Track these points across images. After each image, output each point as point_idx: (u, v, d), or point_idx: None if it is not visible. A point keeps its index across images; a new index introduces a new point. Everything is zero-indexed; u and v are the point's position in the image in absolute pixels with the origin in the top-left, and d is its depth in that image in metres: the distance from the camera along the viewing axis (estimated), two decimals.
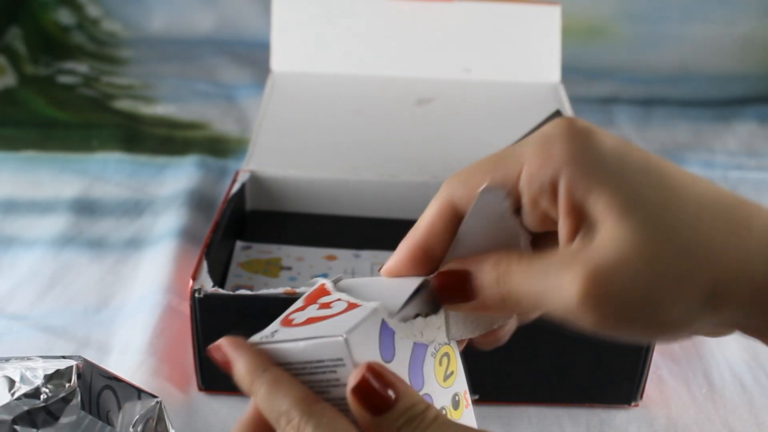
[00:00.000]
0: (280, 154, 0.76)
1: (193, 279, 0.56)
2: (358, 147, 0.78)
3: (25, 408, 0.43)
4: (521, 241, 0.35)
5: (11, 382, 0.44)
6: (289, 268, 0.67)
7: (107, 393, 0.46)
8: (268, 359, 0.35)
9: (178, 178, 0.86)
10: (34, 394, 0.43)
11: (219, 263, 0.64)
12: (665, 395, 0.61)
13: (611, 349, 0.57)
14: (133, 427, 0.45)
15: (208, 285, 0.56)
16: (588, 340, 0.45)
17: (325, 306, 0.36)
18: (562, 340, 0.55)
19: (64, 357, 0.45)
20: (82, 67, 1.10)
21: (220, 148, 0.93)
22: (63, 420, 0.43)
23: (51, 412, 0.43)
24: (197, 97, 1.04)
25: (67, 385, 0.44)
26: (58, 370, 0.44)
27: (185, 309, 0.63)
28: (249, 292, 0.55)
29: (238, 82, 1.08)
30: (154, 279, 0.70)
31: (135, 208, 0.81)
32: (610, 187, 0.32)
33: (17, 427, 0.42)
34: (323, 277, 0.39)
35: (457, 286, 0.35)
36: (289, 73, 0.90)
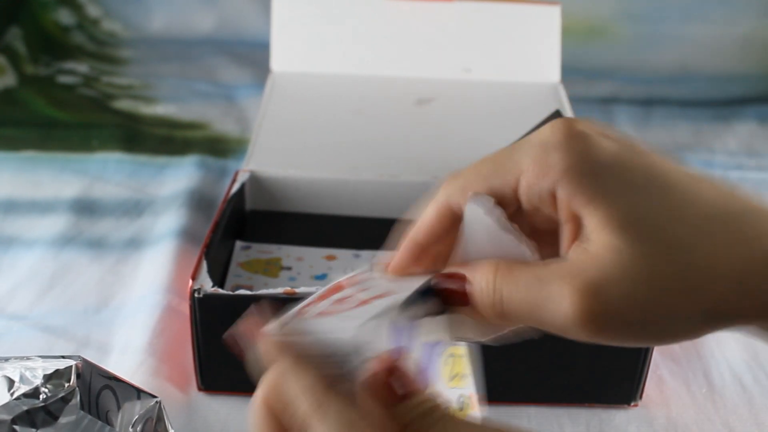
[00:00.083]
0: (280, 154, 0.76)
1: (193, 279, 0.56)
2: (358, 147, 0.78)
3: (25, 408, 0.43)
4: (522, 247, 0.34)
5: (10, 382, 0.44)
6: (289, 268, 0.67)
7: (106, 393, 0.46)
8: (281, 348, 0.34)
9: (178, 178, 0.86)
10: (34, 393, 0.43)
11: (219, 263, 0.64)
12: (665, 395, 0.61)
13: (611, 349, 0.56)
14: (132, 427, 0.45)
15: (207, 285, 0.56)
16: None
17: (339, 301, 0.36)
18: (561, 340, 0.54)
19: (63, 357, 0.45)
20: (82, 67, 1.10)
21: (220, 148, 0.93)
22: (62, 420, 0.43)
23: (50, 412, 0.43)
24: (197, 97, 1.04)
25: (66, 385, 0.44)
26: (57, 370, 0.44)
27: (185, 309, 0.63)
28: (249, 292, 0.55)
29: (238, 82, 1.08)
30: (154, 279, 0.70)
31: (135, 208, 0.81)
32: (608, 200, 0.32)
33: (16, 427, 0.42)
34: (323, 277, 0.39)
35: (453, 289, 0.35)
36: (289, 73, 0.90)
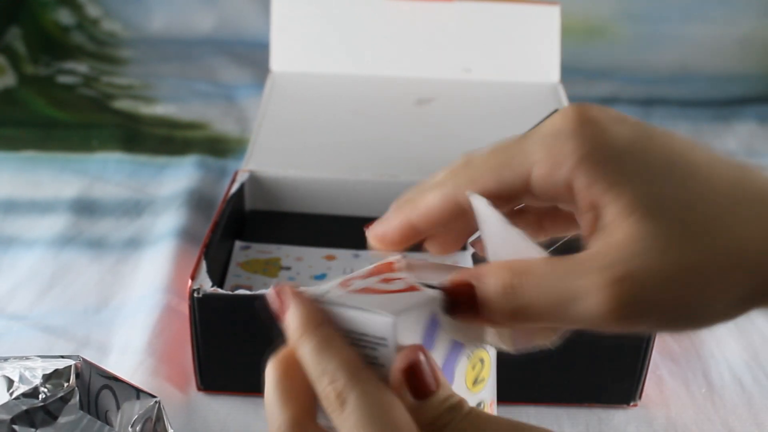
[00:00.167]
0: (280, 154, 0.76)
1: (192, 279, 0.56)
2: (357, 147, 0.78)
3: (24, 408, 0.43)
4: (531, 246, 0.33)
5: (10, 382, 0.44)
6: (289, 268, 0.67)
7: (106, 393, 0.46)
8: (322, 316, 0.34)
9: (177, 178, 0.86)
10: (33, 393, 0.43)
11: (218, 263, 0.64)
12: (664, 395, 0.61)
13: (610, 349, 0.57)
14: (131, 426, 0.45)
15: (207, 285, 0.56)
16: (587, 340, 0.45)
17: (386, 281, 0.35)
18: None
19: (62, 357, 0.45)
20: (82, 67, 1.10)
21: (220, 148, 0.93)
22: (61, 420, 0.43)
23: (49, 412, 0.43)
24: (197, 97, 1.04)
25: (65, 384, 0.44)
26: (56, 370, 0.44)
27: (184, 309, 0.63)
28: (248, 292, 0.55)
29: (238, 82, 1.08)
30: (153, 279, 0.70)
31: (135, 208, 0.81)
32: (630, 186, 0.31)
33: (16, 427, 0.42)
34: (322, 277, 0.39)
35: (463, 299, 0.33)
36: (288, 73, 0.90)
